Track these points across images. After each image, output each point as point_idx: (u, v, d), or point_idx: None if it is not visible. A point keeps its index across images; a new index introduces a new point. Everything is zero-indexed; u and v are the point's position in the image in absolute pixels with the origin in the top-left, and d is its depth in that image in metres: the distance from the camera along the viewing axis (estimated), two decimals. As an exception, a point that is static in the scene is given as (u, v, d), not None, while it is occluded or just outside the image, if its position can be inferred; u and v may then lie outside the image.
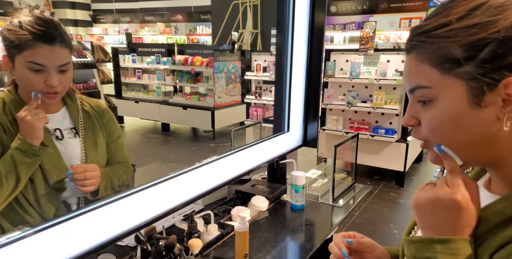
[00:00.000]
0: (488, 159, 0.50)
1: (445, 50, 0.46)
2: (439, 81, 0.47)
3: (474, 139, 0.47)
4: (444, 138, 0.49)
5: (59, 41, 0.93)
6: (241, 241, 1.04)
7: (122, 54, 5.80)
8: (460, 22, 0.45)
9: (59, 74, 0.95)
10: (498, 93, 0.44)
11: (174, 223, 1.25)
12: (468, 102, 0.46)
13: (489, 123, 0.46)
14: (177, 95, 5.50)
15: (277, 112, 1.57)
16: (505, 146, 0.47)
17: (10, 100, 0.98)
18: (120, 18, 9.56)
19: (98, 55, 3.69)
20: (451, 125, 0.48)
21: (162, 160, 4.21)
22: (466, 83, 0.45)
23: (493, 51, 0.43)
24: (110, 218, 0.89)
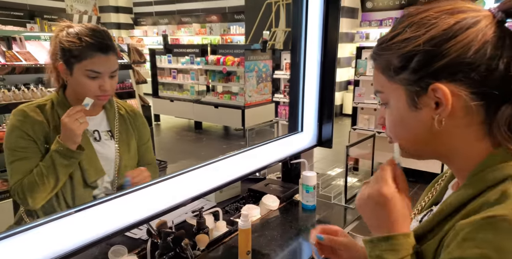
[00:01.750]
0: (435, 154, 0.57)
1: (388, 61, 0.54)
2: (387, 87, 0.56)
3: (419, 136, 0.55)
4: (397, 135, 0.58)
5: (112, 50, 1.04)
6: (243, 238, 1.06)
7: (158, 55, 6.04)
8: (398, 37, 0.53)
9: (110, 79, 1.06)
10: (430, 97, 0.51)
11: (185, 219, 1.30)
12: (407, 105, 0.54)
13: (427, 123, 0.52)
14: (209, 95, 5.63)
15: (291, 112, 1.57)
16: (446, 143, 0.54)
17: (58, 101, 1.08)
18: (159, 20, 9.94)
19: (133, 56, 3.87)
20: (398, 125, 0.56)
21: (193, 157, 4.34)
22: (405, 88, 0.53)
23: (420, 61, 0.50)
24: (123, 209, 0.95)
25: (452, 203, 0.51)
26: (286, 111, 4.27)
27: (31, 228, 0.77)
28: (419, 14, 0.52)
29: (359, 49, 3.79)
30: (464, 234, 0.45)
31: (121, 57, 3.78)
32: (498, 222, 0.43)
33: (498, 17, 0.50)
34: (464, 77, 0.49)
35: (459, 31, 0.48)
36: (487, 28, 0.48)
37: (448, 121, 0.51)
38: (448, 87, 0.49)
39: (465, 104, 0.50)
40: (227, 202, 1.48)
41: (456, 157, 0.55)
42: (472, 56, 0.48)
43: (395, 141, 0.59)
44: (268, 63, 5.30)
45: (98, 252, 1.11)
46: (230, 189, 1.51)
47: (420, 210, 0.68)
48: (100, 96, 1.06)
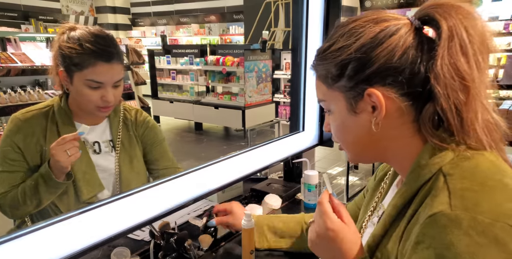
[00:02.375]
0: (378, 156, 0.61)
1: (326, 69, 0.57)
2: (328, 95, 0.59)
3: (360, 140, 0.58)
4: (340, 140, 0.61)
5: (116, 58, 0.95)
6: (247, 237, 1.06)
7: (157, 55, 6.03)
8: (332, 46, 0.56)
9: (113, 89, 0.97)
10: (366, 101, 0.54)
11: (188, 220, 1.30)
12: (347, 110, 0.57)
13: (366, 126, 0.56)
14: (209, 95, 5.63)
15: (293, 111, 1.57)
16: (385, 144, 0.57)
17: (59, 109, 1.01)
18: (157, 21, 9.93)
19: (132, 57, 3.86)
20: (341, 130, 0.60)
21: (194, 158, 4.34)
22: (344, 95, 0.57)
23: (353, 68, 0.54)
24: (126, 211, 0.94)
25: (397, 204, 0.54)
26: (286, 111, 4.27)
27: (32, 231, 0.77)
28: (349, 24, 0.56)
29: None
30: (415, 237, 0.47)
31: (120, 58, 3.78)
32: (437, 218, 0.45)
33: (415, 24, 0.54)
34: (393, 81, 0.52)
35: (384, 38, 0.52)
36: (407, 35, 0.52)
37: (384, 123, 0.54)
38: (380, 91, 0.53)
39: (398, 106, 0.53)
40: (229, 202, 1.47)
41: (395, 157, 0.58)
42: (398, 61, 0.52)
43: (342, 146, 0.62)
44: (268, 63, 5.30)
45: (100, 255, 1.10)
46: (232, 189, 1.51)
47: (372, 212, 0.70)
48: (102, 108, 0.98)
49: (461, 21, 0.50)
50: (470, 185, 0.47)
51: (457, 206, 0.45)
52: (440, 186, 0.48)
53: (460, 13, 0.50)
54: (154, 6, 10.13)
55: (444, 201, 0.46)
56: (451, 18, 0.50)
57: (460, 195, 0.46)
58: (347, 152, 0.62)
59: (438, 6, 0.52)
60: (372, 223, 0.68)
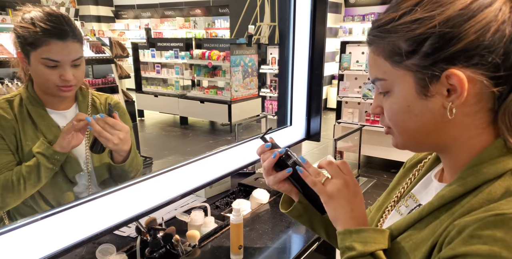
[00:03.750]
0: (437, 146, 0.54)
1: (394, 44, 0.48)
2: (392, 74, 0.50)
3: (424, 127, 0.51)
4: (399, 125, 0.53)
5: (71, 36, 0.94)
6: (235, 232, 1.06)
7: (141, 49, 5.92)
8: (405, 17, 0.47)
9: (73, 69, 0.97)
10: (442, 83, 0.47)
11: (175, 215, 1.29)
12: (416, 93, 0.49)
13: (436, 112, 0.49)
14: (194, 89, 5.58)
15: (280, 106, 1.57)
16: (452, 133, 0.50)
17: (26, 96, 1.02)
18: (141, 13, 9.72)
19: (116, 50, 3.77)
20: (404, 114, 0.51)
21: (179, 153, 4.30)
22: (413, 75, 0.48)
23: (433, 45, 0.46)
24: (110, 207, 0.93)
25: (446, 196, 0.49)
26: (273, 106, 4.28)
27: (14, 228, 0.75)
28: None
29: (343, 44, 3.82)
30: (470, 231, 0.43)
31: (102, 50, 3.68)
32: (507, 219, 0.41)
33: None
34: (481, 62, 0.45)
35: (477, 11, 0.44)
36: (504, 7, 0.45)
37: (458, 109, 0.47)
38: (464, 73, 0.45)
39: (478, 91, 0.46)
40: (217, 197, 1.47)
41: (455, 149, 0.52)
42: (490, 38, 0.44)
43: (395, 131, 0.54)
44: (254, 58, 5.28)
45: (85, 252, 1.08)
46: (220, 184, 1.50)
47: (398, 198, 0.66)
48: (62, 87, 0.98)
49: None
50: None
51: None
52: (505, 186, 0.44)
53: None
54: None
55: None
56: None
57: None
58: (399, 138, 0.54)
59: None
60: (397, 212, 0.64)
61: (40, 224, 0.79)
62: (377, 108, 0.55)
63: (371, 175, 3.75)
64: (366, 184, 1.64)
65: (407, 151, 0.57)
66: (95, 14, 9.99)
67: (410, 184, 0.65)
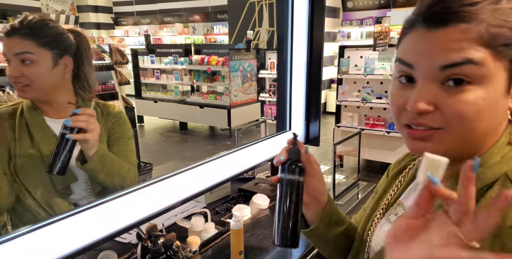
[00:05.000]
0: (469, 152, 0.46)
1: (498, 30, 0.40)
2: (490, 62, 0.41)
3: (488, 130, 0.44)
4: (470, 126, 0.43)
5: (21, 33, 0.95)
6: (235, 238, 1.06)
7: (141, 55, 5.95)
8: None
9: (21, 65, 0.95)
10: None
11: (175, 221, 1.29)
12: (505, 90, 0.43)
13: (505, 113, 0.44)
14: (194, 95, 5.59)
15: (279, 111, 1.58)
16: (491, 139, 0.46)
17: (26, 104, 1.03)
18: (140, 20, 9.79)
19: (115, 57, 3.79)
20: (487, 112, 0.42)
21: (179, 158, 4.30)
22: (508, 69, 0.42)
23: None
24: (111, 214, 0.93)
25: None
26: (272, 111, 4.28)
27: (16, 236, 0.75)
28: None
29: (341, 48, 3.84)
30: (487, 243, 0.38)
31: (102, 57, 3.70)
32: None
33: None
34: None
35: None
36: None
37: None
38: None
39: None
40: (217, 203, 1.47)
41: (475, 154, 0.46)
42: None
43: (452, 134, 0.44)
44: (252, 63, 5.30)
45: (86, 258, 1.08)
46: (220, 189, 1.50)
47: (387, 206, 0.62)
48: (14, 84, 0.97)
49: None
50: None
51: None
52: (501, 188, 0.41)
53: None
54: (137, 5, 9.98)
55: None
56: None
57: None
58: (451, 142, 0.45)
59: None
60: (387, 220, 0.61)
61: (41, 232, 0.79)
62: (431, 104, 0.43)
63: (371, 179, 3.75)
64: (366, 188, 1.64)
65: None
66: (94, 21, 10.06)
67: (397, 191, 0.62)
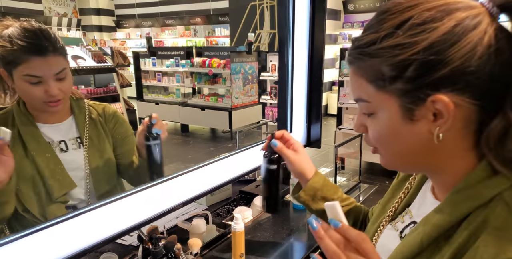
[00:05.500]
0: (425, 167, 0.53)
1: (377, 68, 0.47)
2: (376, 97, 0.49)
3: (413, 149, 0.49)
4: (386, 147, 0.52)
5: (51, 50, 0.93)
6: (236, 240, 1.06)
7: (143, 57, 5.97)
8: (386, 41, 0.45)
9: (57, 83, 0.95)
10: (428, 108, 0.45)
11: (176, 223, 1.29)
12: (401, 117, 0.48)
13: (422, 136, 0.47)
14: (195, 97, 5.60)
15: (280, 113, 1.58)
16: (439, 156, 0.49)
17: (17, 113, 1.00)
18: (142, 23, 9.83)
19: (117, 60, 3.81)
20: (390, 137, 0.50)
21: (180, 161, 4.30)
22: (398, 99, 0.47)
23: (416, 71, 0.44)
24: (112, 216, 0.93)
25: (441, 225, 0.48)
26: (273, 113, 4.29)
27: (17, 239, 0.75)
28: (407, 11, 0.45)
29: (342, 51, 3.85)
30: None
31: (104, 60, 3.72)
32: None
33: (494, 13, 0.44)
34: (466, 86, 0.43)
35: (462, 35, 0.42)
36: (489, 28, 0.43)
37: (445, 133, 0.46)
38: (449, 98, 0.43)
39: (466, 115, 0.45)
40: (218, 205, 1.47)
41: (444, 170, 0.50)
42: (476, 63, 0.42)
43: (382, 152, 0.53)
44: (254, 65, 5.31)
45: (87, 260, 1.08)
46: (221, 191, 1.50)
47: (393, 212, 0.64)
48: (49, 102, 0.96)
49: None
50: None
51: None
52: (505, 217, 0.42)
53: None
54: (139, 8, 10.03)
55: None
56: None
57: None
58: (387, 159, 0.53)
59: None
60: (394, 228, 0.62)
61: (42, 234, 0.79)
62: (361, 127, 0.54)
63: (373, 181, 3.74)
64: (368, 190, 1.63)
65: None
66: (96, 24, 10.12)
67: (404, 198, 0.63)
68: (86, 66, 3.25)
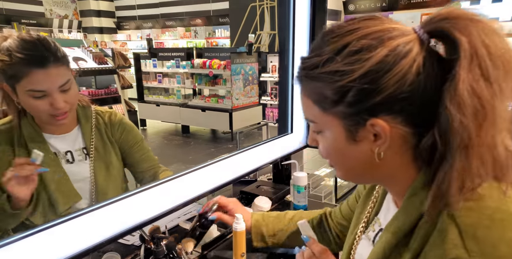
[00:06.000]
0: (376, 180, 0.58)
1: (320, 91, 0.50)
2: (321, 118, 0.52)
3: (360, 165, 0.53)
4: (336, 163, 0.56)
5: (53, 61, 0.88)
6: (237, 240, 1.06)
7: (143, 59, 5.99)
8: (327, 66, 0.48)
9: (62, 94, 0.91)
10: (368, 130, 0.49)
11: (178, 223, 1.30)
12: (345, 137, 0.51)
13: (366, 155, 0.51)
14: (196, 98, 5.62)
15: (281, 113, 1.59)
16: (386, 170, 0.53)
17: (24, 124, 0.97)
18: (143, 24, 9.86)
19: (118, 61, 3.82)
20: (337, 155, 0.54)
21: (181, 162, 4.31)
22: (341, 121, 0.50)
23: (355, 97, 0.47)
24: (114, 216, 0.93)
25: (397, 232, 0.52)
26: (274, 114, 4.30)
27: (20, 238, 0.75)
28: (348, 35, 0.47)
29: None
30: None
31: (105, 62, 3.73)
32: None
33: (424, 39, 0.46)
34: (401, 111, 0.47)
35: (394, 63, 0.45)
36: (419, 56, 0.45)
37: (386, 151, 0.50)
38: (386, 121, 0.47)
39: (402, 133, 0.48)
40: (219, 205, 1.47)
41: (393, 181, 0.55)
42: (409, 88, 0.45)
43: (334, 166, 0.58)
44: (254, 66, 5.32)
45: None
46: (222, 192, 1.50)
47: (366, 222, 0.67)
48: (55, 115, 0.92)
49: (482, 39, 0.43)
50: (479, 219, 0.44)
51: (473, 251, 0.42)
52: (445, 220, 0.45)
53: (481, 28, 0.43)
54: (139, 10, 10.05)
55: (457, 242, 0.43)
56: (471, 35, 0.43)
57: (472, 235, 0.43)
58: (339, 172, 0.58)
59: (454, 19, 0.44)
60: (367, 237, 0.65)
61: (45, 234, 0.79)
62: (314, 141, 0.58)
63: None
64: (368, 190, 1.64)
65: None
66: (97, 25, 10.14)
67: (374, 207, 0.67)
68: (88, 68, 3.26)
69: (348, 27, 0.48)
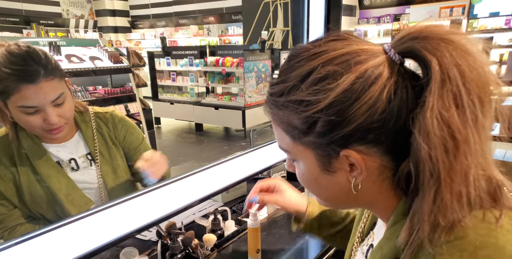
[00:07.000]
0: (359, 205, 0.56)
1: (288, 120, 0.46)
2: (293, 147, 0.48)
3: (339, 195, 0.50)
4: (314, 193, 0.53)
5: (43, 75, 0.82)
6: (253, 237, 1.07)
7: (157, 57, 6.06)
8: (292, 94, 0.44)
9: (56, 109, 0.86)
10: (343, 161, 0.45)
11: (194, 220, 1.31)
12: (320, 168, 0.48)
13: (343, 185, 0.48)
14: (209, 96, 5.65)
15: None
16: (365, 198, 0.50)
17: (22, 135, 0.94)
18: (156, 23, 9.95)
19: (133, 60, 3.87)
20: (313, 184, 0.50)
21: (194, 159, 4.35)
22: (313, 151, 0.47)
23: (324, 127, 0.43)
24: (132, 213, 0.95)
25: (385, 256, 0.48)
26: (286, 111, 4.29)
27: (44, 232, 0.78)
28: (313, 59, 0.44)
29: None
30: None
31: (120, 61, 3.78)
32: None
33: (396, 60, 0.42)
34: (375, 140, 0.43)
35: (362, 91, 0.41)
36: (389, 80, 0.41)
37: (364, 181, 0.47)
38: (360, 151, 0.43)
39: (379, 164, 0.45)
40: (234, 202, 1.49)
41: (375, 207, 0.52)
42: (380, 117, 0.41)
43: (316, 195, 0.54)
44: (267, 63, 5.31)
45: (109, 255, 1.11)
46: (236, 189, 1.52)
47: (361, 234, 0.65)
48: (50, 130, 0.88)
49: (455, 60, 0.39)
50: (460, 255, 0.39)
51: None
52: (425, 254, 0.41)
53: (453, 49, 0.39)
54: (153, 9, 10.16)
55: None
56: (443, 56, 0.39)
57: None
58: (320, 200, 0.54)
59: (424, 39, 0.41)
60: (361, 252, 0.63)
61: (67, 229, 0.82)
62: (291, 167, 0.54)
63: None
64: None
65: None
66: (112, 25, 10.30)
67: (368, 218, 0.64)
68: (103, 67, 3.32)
69: (314, 50, 0.44)
